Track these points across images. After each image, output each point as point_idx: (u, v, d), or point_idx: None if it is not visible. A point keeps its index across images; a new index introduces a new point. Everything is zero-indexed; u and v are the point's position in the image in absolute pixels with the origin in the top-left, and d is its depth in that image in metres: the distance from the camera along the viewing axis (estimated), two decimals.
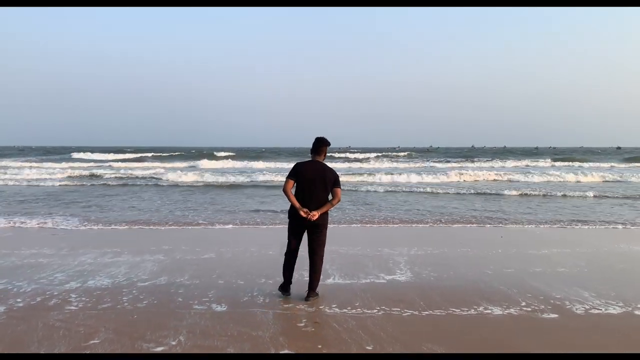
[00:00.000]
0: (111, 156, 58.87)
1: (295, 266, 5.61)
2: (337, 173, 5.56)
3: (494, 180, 26.37)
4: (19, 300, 5.47)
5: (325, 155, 5.60)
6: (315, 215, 5.29)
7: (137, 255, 7.80)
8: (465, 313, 5.12)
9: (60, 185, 22.37)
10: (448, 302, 5.46)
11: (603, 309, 5.27)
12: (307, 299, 5.46)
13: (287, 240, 5.60)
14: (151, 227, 11.02)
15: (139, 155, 62.88)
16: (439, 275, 6.63)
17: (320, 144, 5.51)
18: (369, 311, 5.14)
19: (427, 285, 6.14)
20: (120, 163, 45.19)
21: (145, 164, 42.50)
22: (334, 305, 5.31)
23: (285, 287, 5.64)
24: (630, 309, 5.29)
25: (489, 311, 5.18)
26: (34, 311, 5.10)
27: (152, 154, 68.24)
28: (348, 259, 7.52)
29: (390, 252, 8.10)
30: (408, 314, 5.09)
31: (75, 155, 61.79)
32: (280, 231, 8.77)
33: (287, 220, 5.58)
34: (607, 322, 4.89)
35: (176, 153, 70.15)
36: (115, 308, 5.21)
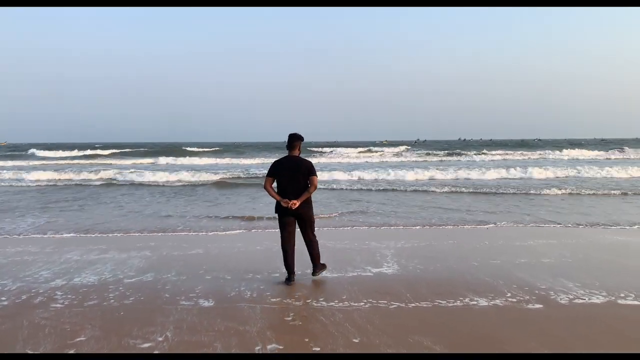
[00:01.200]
0: (66, 153, 56.48)
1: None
2: (311, 161, 5.97)
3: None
4: (3, 298, 5.42)
5: (299, 150, 5.98)
6: (295, 203, 5.69)
7: (123, 252, 7.75)
8: (452, 305, 5.17)
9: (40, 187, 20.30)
10: (434, 294, 5.50)
11: (587, 299, 5.34)
12: (314, 274, 6.07)
13: (280, 235, 5.95)
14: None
15: (94, 152, 58.51)
16: (425, 268, 6.67)
17: (293, 139, 5.90)
18: (356, 304, 5.17)
19: (414, 278, 6.18)
20: (69, 160, 44.49)
21: (95, 161, 42.25)
22: (321, 299, 5.33)
23: (289, 277, 5.97)
24: (613, 298, 5.36)
25: (475, 302, 5.22)
26: (19, 309, 5.06)
27: (114, 150, 63.72)
28: (335, 253, 7.54)
29: (377, 245, 8.13)
30: (395, 306, 5.12)
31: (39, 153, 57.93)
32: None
33: (276, 216, 5.94)
34: (591, 312, 4.96)
35: (143, 149, 67.05)
36: (101, 305, 5.18)
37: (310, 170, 5.83)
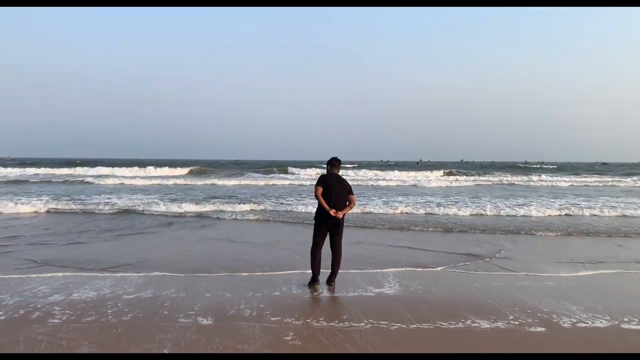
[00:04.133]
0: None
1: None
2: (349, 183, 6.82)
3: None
4: (0, 313, 5.38)
5: (339, 169, 6.84)
6: (340, 214, 6.43)
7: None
8: (453, 326, 5.11)
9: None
10: (436, 315, 5.44)
11: (590, 323, 5.28)
12: (330, 283, 6.62)
13: (313, 239, 6.64)
14: None
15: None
16: (427, 289, 6.61)
17: (336, 161, 6.81)
18: (357, 324, 5.11)
19: (416, 299, 6.12)
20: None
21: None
22: (321, 319, 5.27)
23: (316, 278, 6.64)
24: (616, 322, 5.30)
25: (477, 324, 5.16)
26: (16, 324, 5.01)
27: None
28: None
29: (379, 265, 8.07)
30: (396, 327, 5.06)
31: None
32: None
33: (314, 222, 6.66)
34: (594, 336, 4.89)
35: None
36: (99, 321, 5.13)
37: (350, 189, 6.68)
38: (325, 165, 6.91)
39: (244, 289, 6.46)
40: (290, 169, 53.56)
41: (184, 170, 48.88)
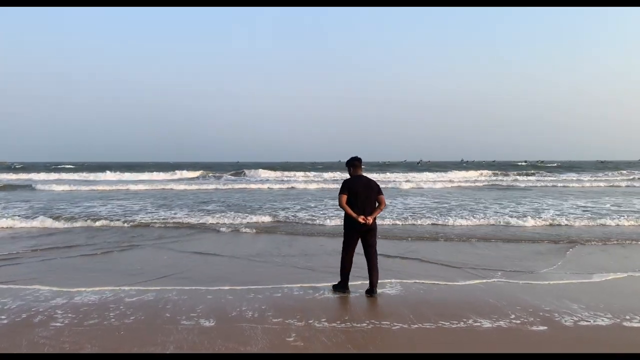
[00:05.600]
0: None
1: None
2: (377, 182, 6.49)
3: None
4: (3, 317, 5.39)
5: (361, 169, 6.45)
6: (370, 220, 6.06)
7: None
8: (455, 326, 5.11)
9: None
10: (438, 315, 5.44)
11: (592, 321, 5.28)
12: (372, 294, 6.18)
13: (343, 248, 6.34)
14: None
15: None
16: (428, 289, 6.61)
17: (357, 161, 6.40)
18: (358, 325, 5.12)
19: (417, 299, 6.12)
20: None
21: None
22: (323, 320, 5.28)
23: (345, 286, 6.38)
24: (618, 320, 5.30)
25: (479, 324, 5.16)
26: (18, 328, 5.03)
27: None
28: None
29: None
30: (397, 327, 5.07)
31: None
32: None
33: (343, 231, 6.33)
34: (596, 334, 4.89)
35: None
36: (101, 324, 5.14)
37: (379, 190, 6.31)
38: (347, 167, 6.47)
39: (245, 290, 6.47)
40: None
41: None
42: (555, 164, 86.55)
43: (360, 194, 6.12)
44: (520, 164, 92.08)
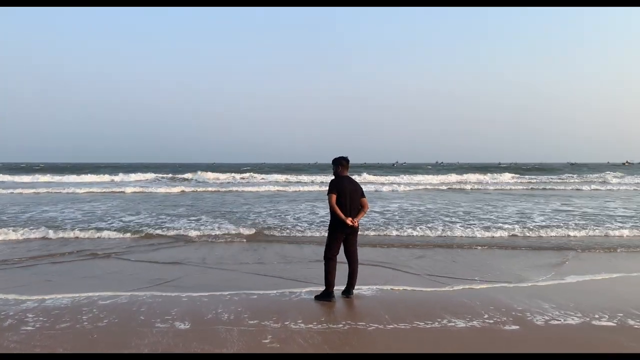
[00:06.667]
0: None
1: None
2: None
3: None
4: None
5: (348, 170, 6.29)
6: (356, 223, 6.06)
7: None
8: (430, 326, 5.17)
9: None
10: (413, 315, 5.50)
11: (562, 320, 5.40)
12: (349, 295, 6.19)
13: (328, 251, 6.13)
14: None
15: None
16: (404, 289, 6.67)
17: (345, 161, 6.26)
18: (334, 326, 5.14)
19: (393, 299, 6.18)
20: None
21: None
22: (300, 321, 5.28)
23: (331, 294, 6.10)
24: (588, 319, 5.43)
25: (453, 324, 5.23)
26: None
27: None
28: (313, 272, 7.50)
29: None
30: (373, 327, 5.11)
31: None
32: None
33: (328, 233, 6.21)
34: (566, 333, 5.01)
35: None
36: (74, 328, 5.06)
37: (363, 192, 6.28)
38: (333, 167, 6.33)
39: (221, 292, 6.43)
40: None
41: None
42: (528, 167, 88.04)
43: (348, 196, 6.05)
44: (494, 166, 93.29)
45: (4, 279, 7.36)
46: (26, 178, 40.53)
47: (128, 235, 11.63)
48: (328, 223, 6.32)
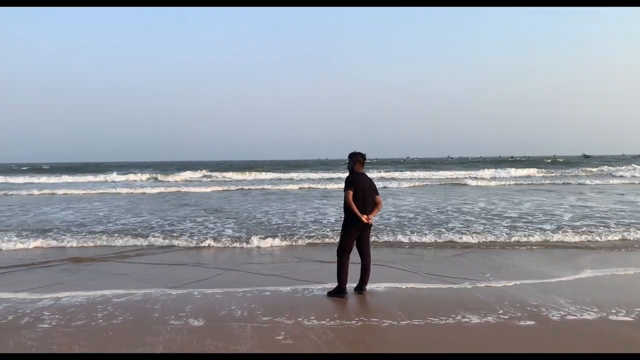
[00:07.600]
0: None
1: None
2: None
3: None
4: None
5: (364, 166, 6.26)
6: (371, 220, 6.06)
7: None
8: (444, 322, 5.14)
9: None
10: (427, 311, 5.47)
11: (578, 315, 5.34)
12: (361, 291, 6.23)
13: (342, 248, 6.13)
14: None
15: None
16: (417, 285, 6.65)
17: (361, 157, 6.20)
18: (348, 322, 5.13)
19: (406, 295, 6.15)
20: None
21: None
22: (313, 317, 5.28)
23: (344, 290, 6.09)
24: (604, 314, 5.36)
25: (467, 320, 5.20)
26: (4, 330, 4.97)
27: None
28: (325, 268, 7.49)
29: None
30: (387, 324, 5.09)
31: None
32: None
33: (342, 229, 6.20)
34: (583, 328, 4.95)
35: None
36: (89, 325, 5.10)
37: (377, 190, 6.27)
38: (349, 161, 6.22)
39: (234, 288, 6.45)
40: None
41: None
42: (549, 160, 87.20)
43: (365, 192, 6.03)
44: (509, 159, 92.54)
45: (18, 280, 7.44)
46: (43, 178, 40.84)
47: (140, 239, 11.59)
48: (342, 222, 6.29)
